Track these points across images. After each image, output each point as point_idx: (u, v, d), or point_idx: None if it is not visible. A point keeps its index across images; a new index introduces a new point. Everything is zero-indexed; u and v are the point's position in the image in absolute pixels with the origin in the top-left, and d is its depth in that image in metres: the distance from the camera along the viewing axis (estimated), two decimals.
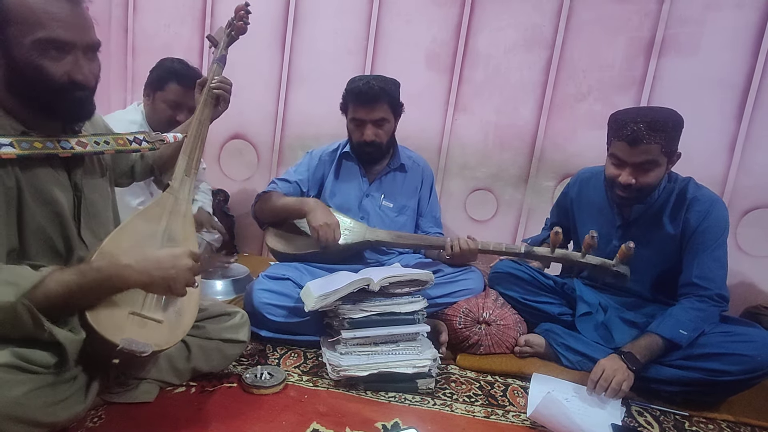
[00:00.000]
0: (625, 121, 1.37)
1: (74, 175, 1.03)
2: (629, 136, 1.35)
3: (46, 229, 0.97)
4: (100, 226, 1.09)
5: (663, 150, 1.36)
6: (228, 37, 1.47)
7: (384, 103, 1.69)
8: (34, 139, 0.93)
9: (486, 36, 2.24)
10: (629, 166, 1.39)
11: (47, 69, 0.91)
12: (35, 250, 0.96)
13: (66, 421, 0.93)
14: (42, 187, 0.96)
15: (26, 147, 0.91)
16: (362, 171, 1.83)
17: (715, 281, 1.40)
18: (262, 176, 2.52)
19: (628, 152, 1.37)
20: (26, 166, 0.93)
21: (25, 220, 0.93)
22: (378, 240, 1.67)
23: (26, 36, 0.88)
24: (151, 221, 1.09)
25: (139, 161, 1.32)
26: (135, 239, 1.04)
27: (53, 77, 0.91)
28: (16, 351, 0.85)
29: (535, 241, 1.83)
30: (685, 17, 2.04)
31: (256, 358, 1.40)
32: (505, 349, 1.56)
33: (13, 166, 0.90)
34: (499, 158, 2.31)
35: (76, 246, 1.02)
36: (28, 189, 0.93)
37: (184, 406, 1.13)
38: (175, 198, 1.16)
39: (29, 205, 0.94)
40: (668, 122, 1.35)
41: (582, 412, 1.23)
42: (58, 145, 0.97)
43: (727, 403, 1.38)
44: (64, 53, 0.92)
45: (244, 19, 1.46)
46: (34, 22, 0.88)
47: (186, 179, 1.20)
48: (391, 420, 1.17)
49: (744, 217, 2.08)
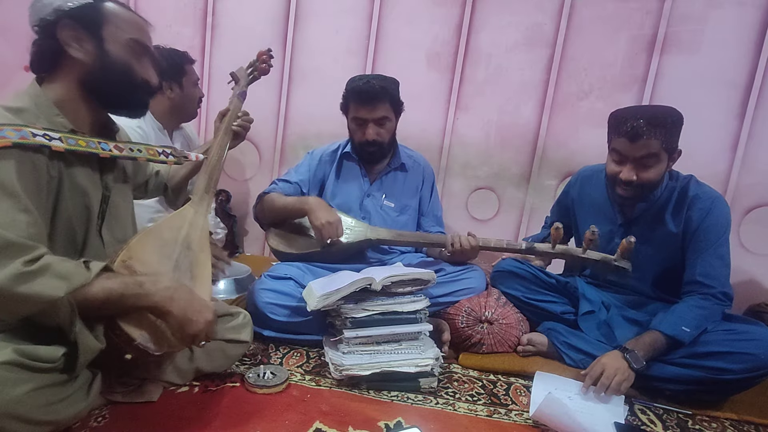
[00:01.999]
0: (624, 118, 1.38)
1: (105, 177, 1.10)
2: (629, 132, 1.35)
3: (72, 222, 1.02)
4: (119, 227, 1.14)
5: (663, 145, 1.36)
6: (249, 77, 1.58)
7: (385, 102, 1.69)
8: (79, 138, 1.00)
9: (487, 35, 2.24)
10: (630, 162, 1.39)
11: (134, 67, 1.05)
12: (58, 238, 1.00)
13: (68, 419, 0.93)
14: (79, 181, 1.02)
15: (72, 143, 0.98)
16: (363, 171, 1.83)
17: (719, 279, 1.40)
18: (263, 176, 2.52)
19: (629, 147, 1.37)
20: (69, 161, 1.00)
21: (58, 210, 0.99)
22: (379, 239, 1.67)
23: (121, 35, 1.02)
24: (173, 229, 1.15)
25: (154, 177, 1.39)
26: (159, 243, 1.10)
27: (136, 74, 1.06)
28: (18, 348, 0.85)
29: (536, 239, 1.83)
30: (687, 15, 2.04)
31: (258, 358, 1.41)
32: (508, 348, 1.56)
33: (59, 160, 0.97)
34: (501, 157, 2.31)
35: (93, 241, 1.06)
36: (67, 182, 0.99)
37: (188, 405, 1.14)
38: (195, 211, 1.22)
39: (65, 197, 0.99)
40: (668, 118, 1.36)
41: (585, 411, 1.23)
42: (98, 146, 1.04)
43: (730, 402, 1.38)
44: (142, 56, 1.07)
45: (267, 62, 1.59)
46: (126, 25, 1.03)
47: (205, 195, 1.27)
48: (393, 419, 1.17)
49: (747, 215, 2.08)
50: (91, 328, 0.92)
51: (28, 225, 0.88)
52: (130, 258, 1.00)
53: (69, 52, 0.98)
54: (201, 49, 2.47)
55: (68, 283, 0.86)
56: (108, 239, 1.10)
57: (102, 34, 1.00)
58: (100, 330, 0.95)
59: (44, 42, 0.99)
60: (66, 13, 0.97)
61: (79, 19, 0.98)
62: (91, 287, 0.89)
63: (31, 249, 0.86)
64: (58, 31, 0.97)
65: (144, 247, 1.05)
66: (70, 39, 0.98)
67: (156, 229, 1.11)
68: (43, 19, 0.97)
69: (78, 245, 1.04)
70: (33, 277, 0.84)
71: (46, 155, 0.94)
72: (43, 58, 1.01)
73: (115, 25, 1.02)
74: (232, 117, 1.44)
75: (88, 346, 0.91)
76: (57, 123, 0.99)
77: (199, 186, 1.27)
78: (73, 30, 0.98)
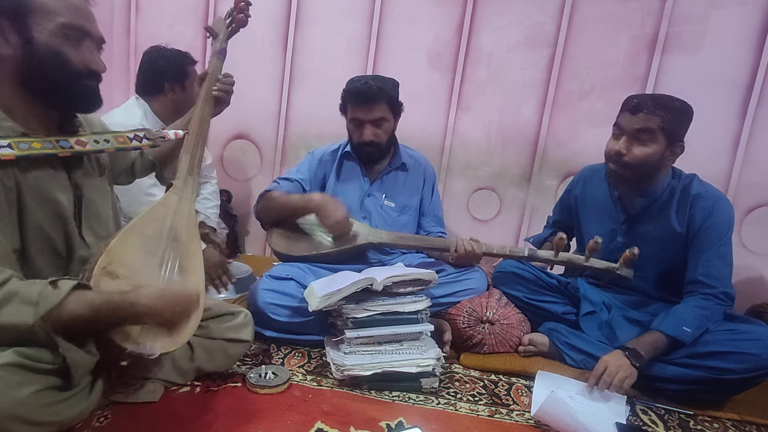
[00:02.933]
0: (633, 96, 1.42)
1: (74, 175, 1.03)
2: (633, 106, 1.39)
3: (46, 230, 0.96)
4: (101, 226, 1.09)
5: (662, 125, 1.36)
6: (228, 29, 1.42)
7: (382, 103, 1.69)
8: (32, 140, 0.93)
9: (488, 35, 2.24)
10: (626, 135, 1.40)
11: (67, 55, 0.94)
12: (36, 250, 0.96)
13: (70, 420, 0.93)
14: (42, 187, 0.95)
15: (24, 148, 0.91)
16: (363, 171, 1.83)
17: (721, 279, 1.39)
18: (265, 176, 2.52)
19: (628, 120, 1.40)
20: (25, 167, 0.93)
21: (25, 221, 0.93)
22: (381, 242, 1.67)
23: (48, 22, 0.92)
24: (156, 221, 1.08)
25: (140, 158, 1.30)
26: (141, 240, 1.04)
27: (72, 62, 0.95)
28: (20, 350, 0.85)
29: (538, 239, 1.83)
30: (689, 14, 2.04)
31: (260, 358, 1.41)
32: (509, 348, 1.56)
33: (12, 167, 0.91)
34: (502, 157, 2.31)
35: (77, 246, 1.02)
36: (27, 190, 0.93)
37: (189, 405, 1.14)
38: (179, 197, 1.15)
39: (29, 206, 0.93)
40: (675, 102, 1.38)
41: (586, 411, 1.22)
42: (57, 145, 0.97)
43: (732, 402, 1.38)
44: (80, 41, 0.96)
45: (244, 11, 1.42)
46: (55, 10, 0.92)
47: (189, 178, 1.18)
48: (395, 419, 1.17)
49: (748, 215, 2.07)
50: (82, 343, 0.89)
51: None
52: (110, 263, 0.94)
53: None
54: (202, 51, 2.48)
55: (36, 309, 0.81)
56: (91, 240, 1.04)
57: (28, 23, 0.91)
58: (92, 343, 0.92)
59: None
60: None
61: (2, 10, 0.90)
62: (64, 308, 0.84)
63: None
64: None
65: (125, 248, 0.99)
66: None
67: (137, 224, 1.04)
68: None
69: (62, 253, 1.00)
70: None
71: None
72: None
73: (43, 10, 0.91)
74: (212, 81, 1.30)
75: (78, 362, 0.88)
76: (5, 128, 0.92)
77: (181, 168, 1.17)
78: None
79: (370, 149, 1.74)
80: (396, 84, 1.76)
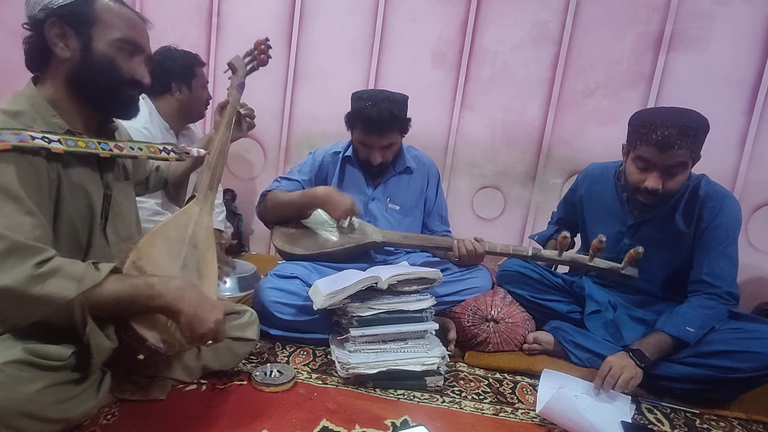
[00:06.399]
0: (654, 125, 1.32)
1: (106, 176, 1.09)
2: (660, 141, 1.30)
3: (75, 223, 1.01)
4: (123, 226, 1.14)
5: (692, 154, 1.34)
6: (248, 67, 1.55)
7: (394, 131, 1.66)
8: (78, 139, 1.00)
9: (492, 33, 2.23)
10: (658, 170, 1.35)
11: (119, 63, 1.02)
12: (62, 241, 1.00)
13: (78, 417, 0.94)
14: (78, 182, 1.01)
15: (71, 145, 0.98)
16: (366, 176, 1.80)
17: (725, 279, 1.39)
18: (269, 174, 2.53)
19: (658, 156, 1.33)
20: (68, 162, 0.99)
21: (60, 213, 0.98)
22: (385, 241, 1.67)
23: (108, 35, 1.00)
24: (179, 228, 1.15)
25: (154, 173, 1.39)
26: (167, 243, 1.10)
27: (121, 71, 1.03)
28: (28, 347, 0.86)
29: (543, 237, 1.82)
30: (695, 12, 2.03)
31: (265, 356, 1.41)
32: (514, 346, 1.56)
33: (56, 162, 0.97)
34: (506, 156, 2.30)
35: (97, 241, 1.06)
36: (67, 184, 0.99)
37: (195, 403, 1.14)
38: (200, 209, 1.22)
39: (65, 199, 0.99)
40: (699, 128, 1.32)
41: (591, 409, 1.22)
42: (98, 146, 1.03)
43: (738, 401, 1.37)
44: (133, 54, 1.05)
45: (265, 52, 1.56)
46: (116, 25, 1.01)
47: (209, 193, 1.26)
48: (400, 417, 1.17)
49: (755, 213, 2.06)
50: (102, 328, 0.93)
51: (34, 227, 0.88)
52: (139, 258, 1.00)
53: (55, 51, 0.97)
54: (206, 50, 2.49)
55: (79, 284, 0.86)
56: (113, 238, 1.09)
57: (90, 33, 0.98)
58: (111, 329, 0.95)
59: (34, 40, 0.98)
60: (54, 11, 0.95)
61: (68, 17, 0.96)
62: (102, 289, 0.89)
63: (41, 251, 0.86)
64: (45, 29, 0.95)
65: (153, 247, 1.05)
66: (57, 38, 0.96)
67: (163, 228, 1.11)
68: (33, 16, 0.96)
69: (82, 246, 1.04)
70: (44, 279, 0.84)
71: (44, 158, 0.93)
72: (33, 57, 1.00)
73: (106, 23, 0.99)
74: (233, 109, 1.43)
75: (101, 346, 0.92)
76: (53, 124, 0.98)
77: (202, 183, 1.26)
78: (59, 28, 0.96)
79: (376, 169, 1.73)
80: (406, 102, 1.69)
